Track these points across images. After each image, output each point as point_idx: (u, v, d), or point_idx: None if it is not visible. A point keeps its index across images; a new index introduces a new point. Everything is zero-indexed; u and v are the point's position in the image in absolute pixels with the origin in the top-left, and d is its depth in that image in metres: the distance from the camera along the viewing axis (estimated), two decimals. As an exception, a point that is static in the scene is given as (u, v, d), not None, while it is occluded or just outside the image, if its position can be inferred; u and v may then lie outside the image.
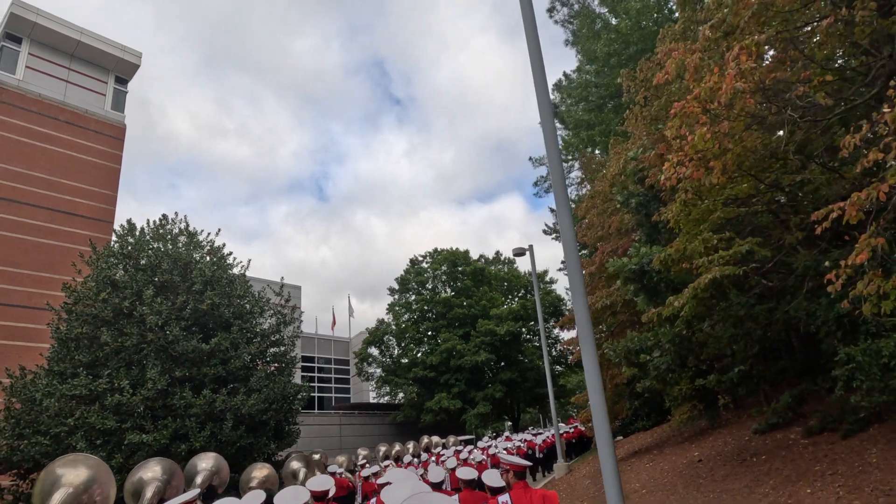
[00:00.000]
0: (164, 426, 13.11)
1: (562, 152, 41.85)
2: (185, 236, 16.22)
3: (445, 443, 23.20)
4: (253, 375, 14.98)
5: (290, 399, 16.22)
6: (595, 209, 19.26)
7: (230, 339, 14.58)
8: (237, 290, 15.94)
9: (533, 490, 4.84)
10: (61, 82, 29.07)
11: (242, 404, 14.07)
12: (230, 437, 13.67)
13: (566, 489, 20.18)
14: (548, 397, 42.41)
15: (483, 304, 38.28)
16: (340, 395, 44.89)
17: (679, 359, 11.97)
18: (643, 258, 11.31)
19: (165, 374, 13.51)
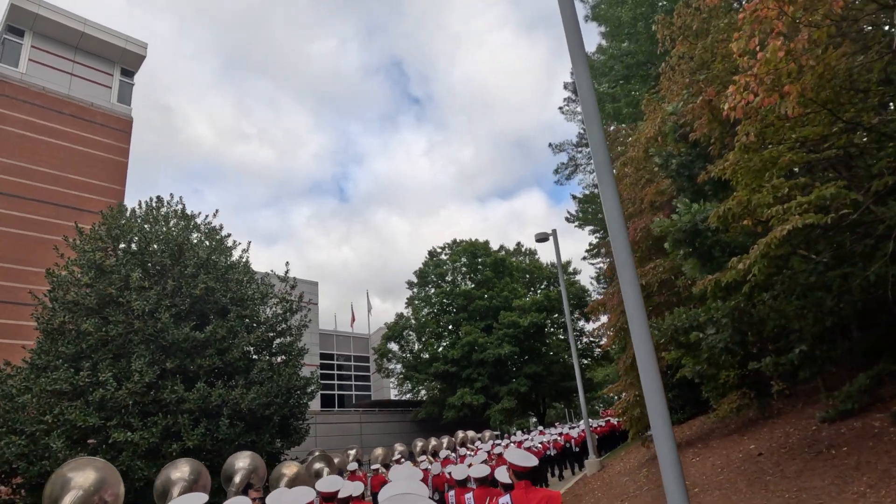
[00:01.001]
0: (153, 423, 11.60)
1: (583, 135, 39.87)
2: (178, 218, 14.75)
3: (482, 437, 22.31)
4: (254, 367, 13.43)
5: (296, 393, 14.64)
6: (627, 179, 17.34)
7: (227, 327, 13.04)
8: (236, 274, 14.41)
9: (535, 490, 4.65)
10: (65, 75, 27.96)
11: (241, 398, 12.52)
12: (228, 435, 12.11)
13: (601, 487, 18.32)
14: (574, 391, 40.45)
15: (505, 296, 36.39)
16: (361, 393, 43.36)
17: (738, 335, 10.10)
18: (696, 215, 9.44)
19: (155, 365, 12.00)
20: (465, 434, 21.34)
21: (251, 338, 13.38)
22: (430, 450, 17.63)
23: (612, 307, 18.76)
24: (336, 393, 41.25)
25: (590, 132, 5.92)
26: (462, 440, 20.33)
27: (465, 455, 14.64)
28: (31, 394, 11.25)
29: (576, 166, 40.67)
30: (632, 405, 18.81)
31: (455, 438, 20.27)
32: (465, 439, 20.57)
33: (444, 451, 15.04)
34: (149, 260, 12.89)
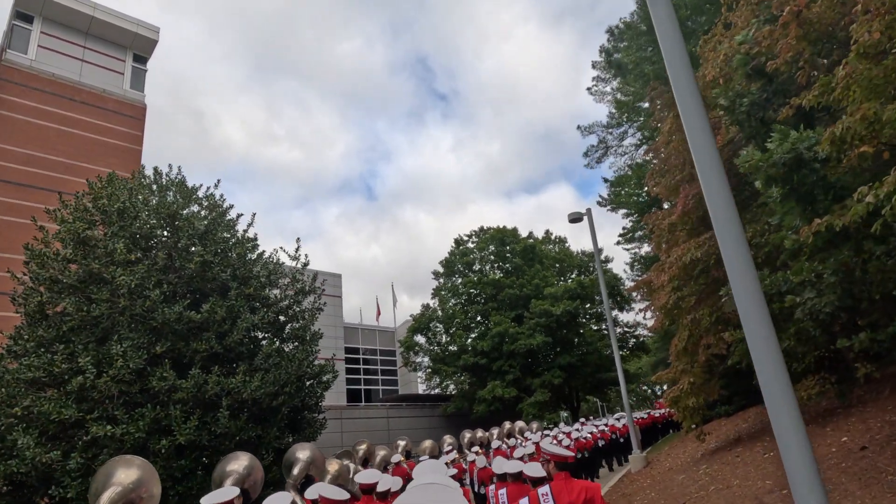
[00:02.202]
0: (140, 416, 9.82)
1: (614, 115, 37.38)
2: (176, 190, 12.95)
3: (530, 428, 21.28)
4: (259, 352, 11.56)
5: (309, 382, 12.74)
6: (675, 139, 14.99)
7: (227, 307, 11.20)
8: (238, 248, 12.56)
9: (574, 481, 4.46)
10: (76, 61, 26.64)
11: (243, 387, 10.65)
12: (227, 429, 10.26)
13: (652, 486, 16.03)
14: (610, 384, 37.94)
15: (536, 284, 34.08)
16: (387, 388, 41.51)
17: (848, 298, 7.83)
18: (798, 143, 7.19)
19: (142, 349, 10.23)
20: (512, 425, 20.34)
21: (255, 318, 11.51)
22: (479, 441, 17.07)
23: (660, 285, 16.41)
24: (362, 387, 39.48)
25: None
26: (510, 431, 19.30)
27: (515, 446, 14.03)
28: (1, 383, 9.58)
29: (606, 148, 38.20)
30: (685, 394, 16.40)
31: (503, 429, 19.29)
32: (513, 430, 19.57)
33: (495, 442, 14.59)
34: (137, 231, 11.13)
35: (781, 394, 3.52)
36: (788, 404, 3.49)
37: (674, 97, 4.55)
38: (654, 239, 17.51)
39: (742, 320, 3.83)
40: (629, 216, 35.45)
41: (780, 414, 3.52)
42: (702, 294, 15.81)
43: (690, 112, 4.26)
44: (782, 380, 3.55)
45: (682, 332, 15.85)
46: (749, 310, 3.74)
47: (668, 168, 18.20)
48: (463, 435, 17.97)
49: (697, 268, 15.14)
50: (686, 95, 4.32)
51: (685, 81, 4.39)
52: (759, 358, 3.67)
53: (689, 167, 16.41)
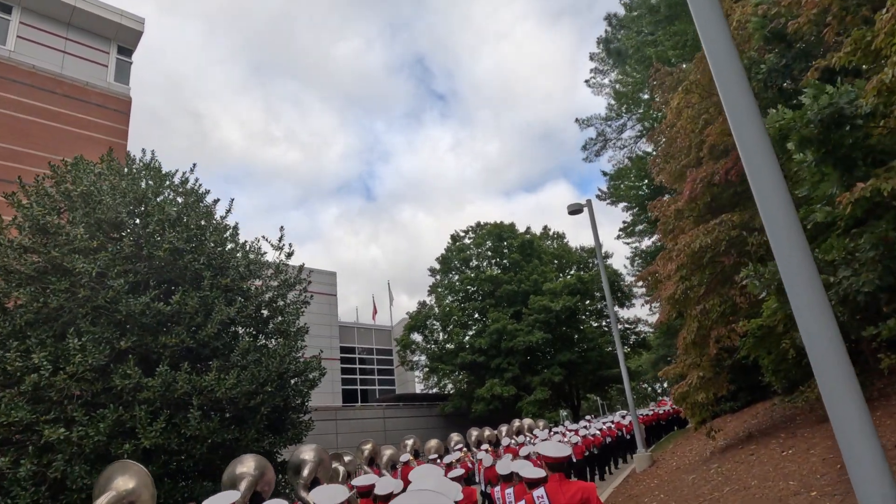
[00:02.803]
0: (101, 417, 8.79)
1: (613, 107, 36.44)
2: (149, 175, 11.90)
3: (538, 426, 21.72)
4: (236, 348, 10.50)
5: (292, 380, 11.69)
6: (687, 112, 13.97)
7: (199, 298, 10.16)
8: (214, 235, 11.50)
9: (569, 482, 4.40)
10: (57, 53, 25.56)
11: (217, 385, 9.62)
12: (199, 431, 9.21)
13: (660, 486, 15.05)
14: (611, 381, 36.91)
15: (534, 279, 33.09)
16: (384, 388, 40.43)
17: (890, 275, 6.85)
18: (837, 98, 6.16)
19: (104, 344, 9.20)
20: (521, 422, 20.14)
21: (232, 311, 10.46)
22: (486, 439, 16.66)
23: (666, 274, 15.39)
24: (358, 388, 38.42)
25: None
26: (518, 429, 19.01)
27: (524, 443, 13.58)
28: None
29: (605, 141, 37.22)
30: (694, 389, 15.40)
31: (511, 427, 18.99)
32: (522, 428, 19.32)
33: (505, 440, 14.38)
34: (102, 216, 10.09)
35: (839, 375, 3.09)
36: (848, 387, 3.05)
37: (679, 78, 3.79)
38: (660, 226, 16.49)
39: (790, 294, 3.38)
40: (629, 209, 34.48)
41: (838, 399, 3.09)
42: (711, 283, 14.80)
43: (723, 64, 3.72)
44: (840, 359, 3.10)
45: (691, 323, 14.84)
46: (798, 282, 3.31)
47: (672, 153, 17.22)
48: (470, 433, 17.49)
49: (707, 255, 14.14)
50: (718, 46, 3.76)
51: (716, 30, 3.76)
52: (812, 335, 3.23)
53: (696, 150, 15.43)
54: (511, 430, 18.35)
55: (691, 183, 14.61)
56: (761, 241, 13.42)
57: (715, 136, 14.01)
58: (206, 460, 9.58)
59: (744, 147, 3.62)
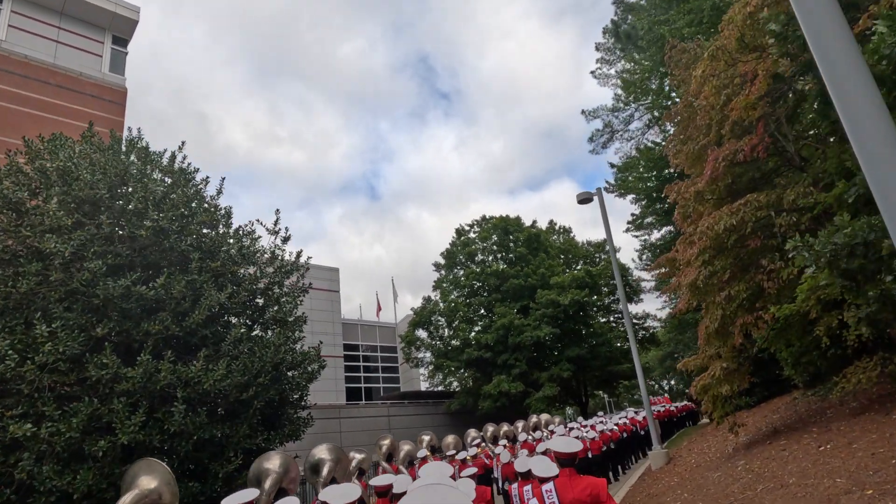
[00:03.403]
0: (74, 412, 7.81)
1: (620, 97, 35.45)
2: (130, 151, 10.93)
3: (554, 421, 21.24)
4: (227, 336, 9.50)
5: (288, 373, 10.69)
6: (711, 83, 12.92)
7: (186, 281, 9.18)
8: (203, 215, 10.51)
9: (579, 478, 4.35)
10: (50, 42, 24.68)
11: (205, 376, 8.64)
12: (183, 427, 8.22)
13: (682, 485, 14.02)
14: (620, 378, 35.82)
15: (541, 273, 32.00)
16: (389, 385, 39.42)
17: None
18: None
19: (79, 331, 8.22)
20: (538, 418, 19.92)
21: (222, 297, 9.47)
22: (503, 435, 16.34)
23: (687, 259, 14.37)
24: (362, 386, 37.43)
25: None
26: (535, 424, 18.80)
27: (541, 439, 13.58)
28: None
29: (612, 133, 36.20)
30: (717, 382, 14.38)
31: (528, 422, 18.83)
32: (540, 423, 19.10)
33: (522, 435, 14.07)
34: (79, 193, 9.12)
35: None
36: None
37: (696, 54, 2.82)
38: (679, 210, 15.47)
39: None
40: (638, 201, 33.46)
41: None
42: (736, 268, 13.76)
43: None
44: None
45: (714, 311, 13.80)
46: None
47: (689, 135, 16.19)
48: (486, 428, 17.19)
49: (732, 237, 13.12)
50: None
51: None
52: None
53: (717, 128, 14.40)
54: (528, 426, 17.98)
55: (713, 162, 13.59)
56: (790, 222, 12.42)
57: (739, 110, 12.96)
58: (193, 459, 8.62)
59: (827, 64, 2.55)
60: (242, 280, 10.66)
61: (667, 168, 31.27)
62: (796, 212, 12.42)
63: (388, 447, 13.21)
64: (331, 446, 8.92)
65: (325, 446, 8.86)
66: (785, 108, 14.15)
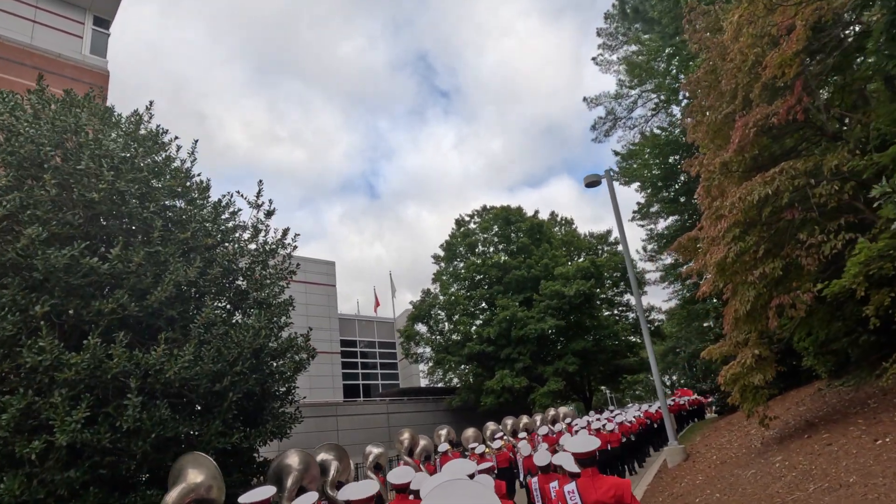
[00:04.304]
0: (3, 406, 6.25)
1: (623, 83, 34.07)
2: (83, 108, 9.39)
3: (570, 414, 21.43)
4: (197, 318, 7.93)
5: (270, 361, 9.15)
6: (743, 39, 11.45)
7: (148, 253, 7.64)
8: (172, 180, 8.96)
9: (602, 477, 4.17)
10: (27, 22, 23.05)
11: (167, 364, 7.11)
12: (139, 423, 6.68)
13: (709, 483, 12.71)
14: (626, 372, 34.30)
15: (545, 264, 30.47)
16: (387, 382, 37.86)
17: None
18: None
19: (12, 310, 6.67)
20: (556, 411, 19.65)
21: (191, 272, 7.91)
22: (522, 428, 16.29)
23: (714, 236, 12.86)
24: (360, 382, 35.86)
25: None
26: (554, 417, 18.52)
27: (561, 432, 13.44)
28: None
29: (615, 120, 34.75)
30: (748, 370, 12.92)
31: (546, 415, 18.59)
32: (558, 416, 18.81)
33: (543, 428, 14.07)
34: (17, 149, 7.59)
35: None
36: None
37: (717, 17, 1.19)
38: (702, 183, 13.99)
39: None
40: (643, 189, 32.04)
41: None
42: (771, 243, 12.28)
43: None
44: None
45: (745, 292, 12.30)
46: None
47: (711, 104, 14.72)
48: (504, 422, 16.95)
49: (767, 209, 11.64)
50: None
51: None
52: None
53: (745, 92, 12.89)
54: (546, 419, 17.65)
55: (742, 128, 12.10)
56: (831, 191, 10.95)
57: (773, 67, 11.46)
58: (153, 462, 7.10)
59: None
60: (217, 255, 9.10)
61: (673, 155, 29.88)
62: (839, 179, 10.94)
63: (410, 441, 12.89)
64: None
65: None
66: (821, 66, 12.68)
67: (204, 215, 9.35)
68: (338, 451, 8.54)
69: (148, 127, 10.16)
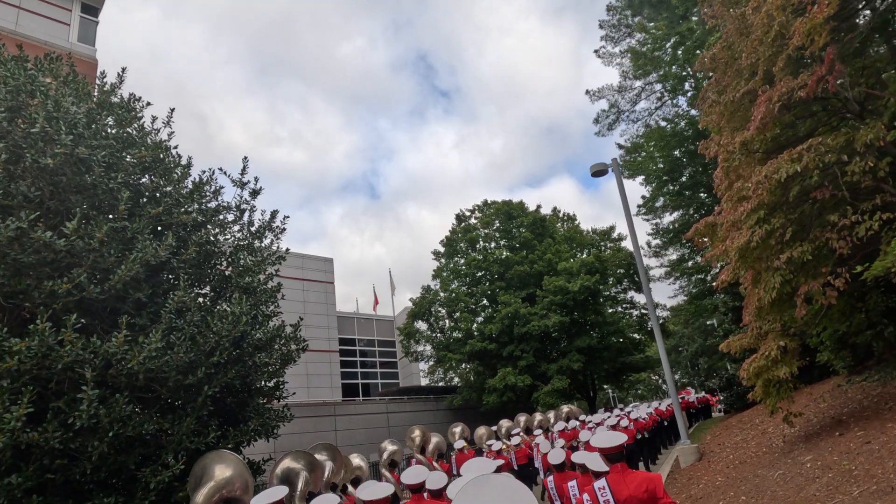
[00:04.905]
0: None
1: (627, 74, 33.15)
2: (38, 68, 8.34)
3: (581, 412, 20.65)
4: (168, 302, 6.89)
5: (253, 352, 8.12)
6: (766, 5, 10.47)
7: (112, 228, 6.63)
8: (144, 150, 7.92)
9: (632, 473, 4.01)
10: (11, 8, 22.03)
11: (130, 353, 6.11)
12: (95, 420, 5.67)
13: (731, 485, 11.91)
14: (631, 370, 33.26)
15: (548, 259, 29.46)
16: (387, 381, 36.80)
17: None
18: None
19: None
20: (570, 408, 19.40)
21: (162, 250, 6.89)
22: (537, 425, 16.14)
23: (736, 219, 11.86)
24: (359, 381, 34.81)
25: None
26: (568, 414, 18.28)
27: (576, 429, 13.36)
28: None
29: (618, 113, 33.79)
30: (773, 363, 11.95)
31: (560, 412, 18.39)
32: (571, 413, 18.55)
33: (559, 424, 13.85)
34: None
35: None
36: None
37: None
38: (721, 164, 12.99)
39: None
40: (648, 183, 31.10)
41: None
42: (798, 225, 11.28)
43: None
44: None
45: (770, 278, 11.29)
46: None
47: (727, 82, 13.76)
48: (518, 419, 16.76)
49: (795, 188, 10.64)
50: None
51: None
52: None
53: (767, 66, 11.89)
54: (560, 415, 17.43)
55: (765, 103, 11.07)
56: (864, 168, 9.94)
57: (802, 35, 10.45)
58: (113, 465, 6.08)
59: None
60: (194, 234, 8.08)
61: (679, 147, 28.95)
62: (873, 155, 9.95)
63: (421, 439, 12.56)
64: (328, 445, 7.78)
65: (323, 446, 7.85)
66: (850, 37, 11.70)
67: (181, 190, 8.34)
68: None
69: (120, 95, 9.15)
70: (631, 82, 32.36)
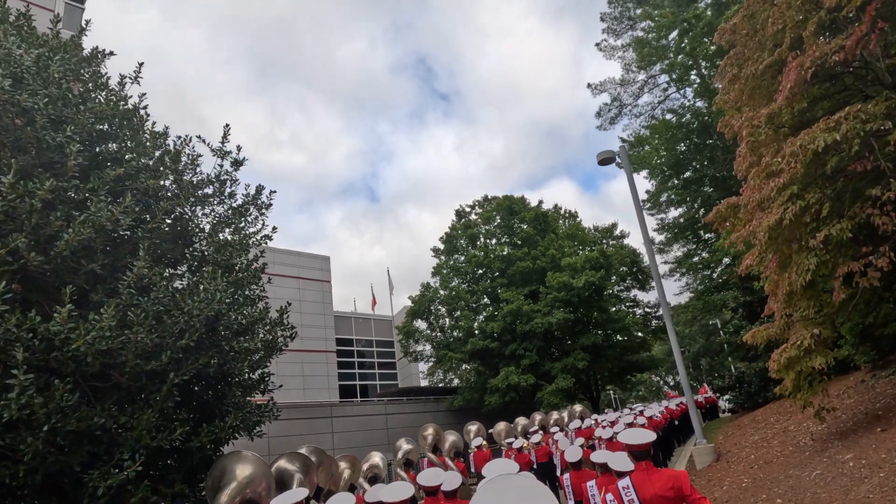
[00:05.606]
0: None
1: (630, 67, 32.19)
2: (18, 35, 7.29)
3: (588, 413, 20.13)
4: (127, 274, 5.74)
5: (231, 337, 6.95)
6: None
7: (59, 188, 5.51)
8: (104, 106, 6.81)
9: (658, 470, 3.90)
10: (-6, -8, 21.14)
11: (74, 332, 4.97)
12: (27, 412, 4.56)
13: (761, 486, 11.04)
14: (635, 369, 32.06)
15: (551, 254, 28.33)
16: (386, 382, 35.58)
17: None
18: None
19: None
20: (582, 408, 19.27)
21: (122, 214, 5.78)
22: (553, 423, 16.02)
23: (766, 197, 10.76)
24: (357, 383, 33.59)
25: None
26: (581, 413, 18.25)
27: (591, 427, 13.43)
28: None
29: (620, 107, 32.84)
30: (805, 353, 10.82)
31: (573, 410, 18.33)
32: (584, 413, 18.53)
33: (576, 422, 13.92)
34: None
35: None
36: None
37: None
38: (747, 139, 11.87)
39: None
40: (652, 177, 30.12)
41: None
42: (835, 201, 10.19)
43: None
44: None
45: (805, 260, 10.16)
46: None
47: (748, 55, 12.72)
48: (533, 417, 16.62)
49: (833, 159, 9.56)
50: None
51: None
52: None
53: (797, 30, 10.83)
54: (574, 414, 17.17)
55: (796, 69, 9.98)
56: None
57: (836, 0, 9.46)
58: (53, 465, 4.93)
59: None
60: (165, 201, 6.93)
61: (683, 141, 27.96)
62: (920, 123, 8.87)
63: (433, 437, 12.28)
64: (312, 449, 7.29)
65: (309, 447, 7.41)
66: None
67: (147, 152, 7.21)
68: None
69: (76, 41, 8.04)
70: (634, 75, 31.44)
